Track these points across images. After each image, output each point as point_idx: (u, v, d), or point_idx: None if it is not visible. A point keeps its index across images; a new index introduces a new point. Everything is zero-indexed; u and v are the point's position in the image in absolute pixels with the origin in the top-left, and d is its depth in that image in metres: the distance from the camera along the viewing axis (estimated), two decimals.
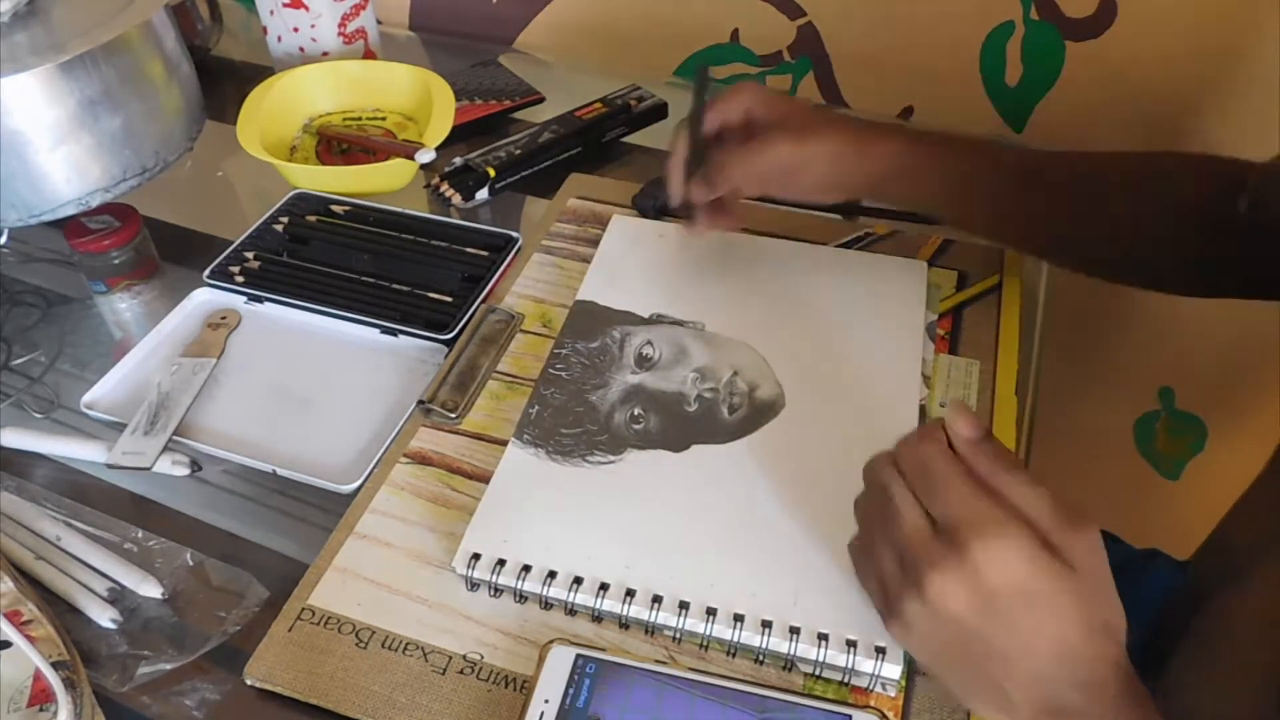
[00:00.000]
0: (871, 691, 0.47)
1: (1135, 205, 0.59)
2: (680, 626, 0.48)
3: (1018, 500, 0.40)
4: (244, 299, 0.70)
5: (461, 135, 0.84)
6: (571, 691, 0.45)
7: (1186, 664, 0.53)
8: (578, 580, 0.50)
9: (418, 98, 0.86)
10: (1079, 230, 0.60)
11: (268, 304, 0.69)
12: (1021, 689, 0.41)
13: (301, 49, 0.91)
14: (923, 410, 0.58)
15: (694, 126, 0.61)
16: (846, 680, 0.47)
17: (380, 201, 0.77)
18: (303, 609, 0.50)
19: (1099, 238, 0.60)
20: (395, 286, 0.70)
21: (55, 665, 0.45)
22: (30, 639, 0.45)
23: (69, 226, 0.70)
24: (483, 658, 0.48)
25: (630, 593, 0.49)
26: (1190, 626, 0.54)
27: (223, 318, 0.69)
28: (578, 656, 0.46)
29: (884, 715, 0.44)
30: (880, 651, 0.46)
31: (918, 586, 0.41)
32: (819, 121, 0.59)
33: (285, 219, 0.75)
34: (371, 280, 0.70)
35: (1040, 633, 0.40)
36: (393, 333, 0.67)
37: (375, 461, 0.58)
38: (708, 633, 0.48)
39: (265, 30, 0.92)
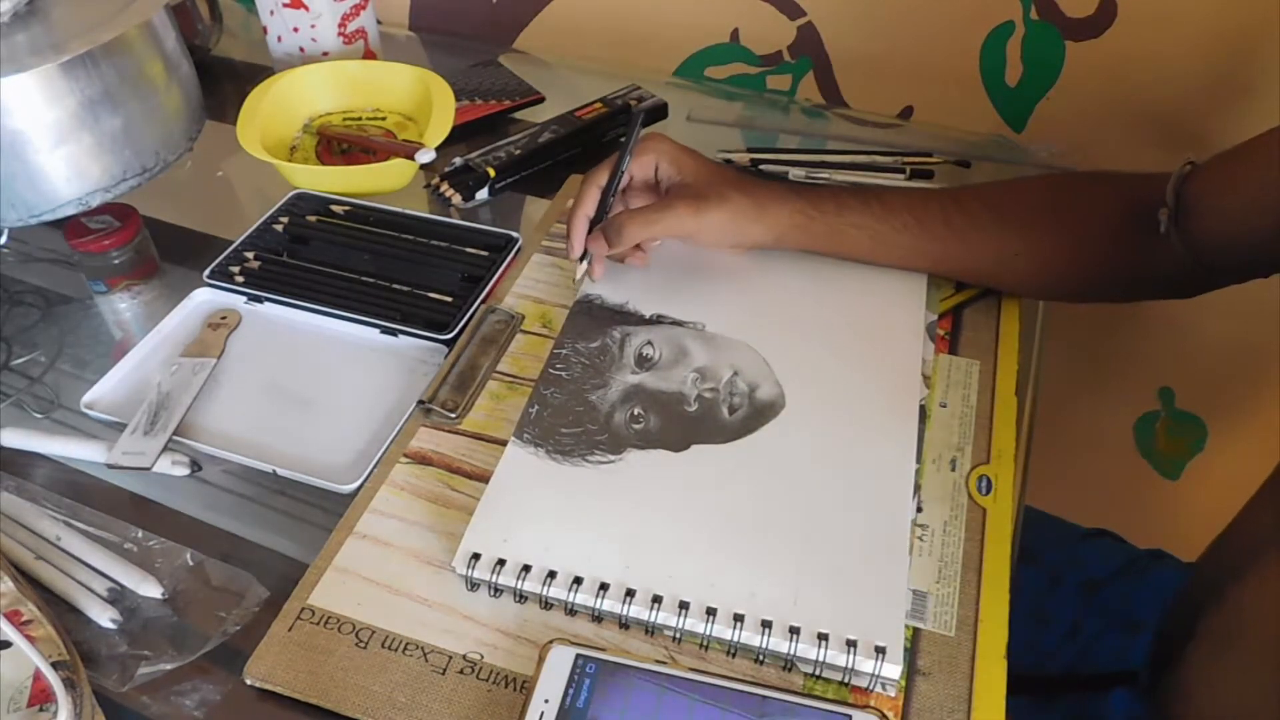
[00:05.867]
0: (871, 691, 0.47)
1: (1055, 230, 0.61)
2: (680, 626, 0.48)
3: None
4: (244, 299, 0.70)
5: (461, 135, 0.84)
6: (571, 691, 0.45)
7: (1201, 662, 0.53)
8: (578, 580, 0.50)
9: (418, 98, 0.86)
10: (988, 261, 0.64)
11: (268, 304, 0.69)
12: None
13: (301, 49, 0.91)
14: (923, 410, 0.58)
15: (609, 180, 0.64)
16: (846, 680, 0.47)
17: (380, 201, 0.77)
18: (303, 609, 0.50)
19: (1015, 265, 0.63)
20: (395, 286, 0.70)
21: (55, 665, 0.45)
22: (30, 639, 0.45)
23: (69, 226, 0.70)
24: (483, 658, 0.48)
25: (630, 593, 0.49)
26: (1200, 625, 0.54)
27: (223, 318, 0.69)
28: (578, 656, 0.46)
29: (884, 715, 0.44)
30: (880, 651, 0.46)
31: None
32: (719, 184, 0.63)
33: (285, 219, 0.75)
34: (371, 280, 0.70)
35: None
36: (393, 333, 0.67)
37: (375, 461, 0.58)
38: (708, 633, 0.48)
39: (265, 30, 0.92)
